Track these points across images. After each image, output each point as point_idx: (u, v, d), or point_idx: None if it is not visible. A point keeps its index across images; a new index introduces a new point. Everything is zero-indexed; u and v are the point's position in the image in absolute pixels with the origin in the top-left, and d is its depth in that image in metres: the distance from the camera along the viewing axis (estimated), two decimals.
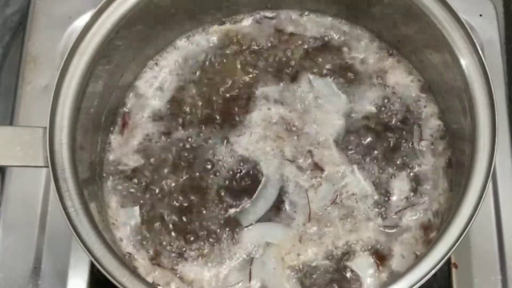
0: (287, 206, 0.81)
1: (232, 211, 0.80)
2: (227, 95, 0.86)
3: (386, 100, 0.85)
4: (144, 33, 0.83)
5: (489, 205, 0.90)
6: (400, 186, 0.82)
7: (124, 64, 0.84)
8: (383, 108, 0.85)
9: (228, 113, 0.85)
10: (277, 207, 0.81)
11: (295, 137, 0.84)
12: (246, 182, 0.82)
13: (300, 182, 0.82)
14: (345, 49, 0.88)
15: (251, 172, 0.82)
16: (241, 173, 0.82)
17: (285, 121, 0.85)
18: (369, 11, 0.85)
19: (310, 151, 0.83)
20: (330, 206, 0.81)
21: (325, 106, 0.85)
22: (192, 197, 0.82)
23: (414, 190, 0.82)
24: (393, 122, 0.84)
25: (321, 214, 0.81)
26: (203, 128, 0.84)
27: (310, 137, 0.84)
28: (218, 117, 0.85)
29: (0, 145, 0.72)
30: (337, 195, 0.81)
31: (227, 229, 0.80)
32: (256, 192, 0.81)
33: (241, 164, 0.82)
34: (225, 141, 0.83)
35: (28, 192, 0.91)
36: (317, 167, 0.82)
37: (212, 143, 0.84)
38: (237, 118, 0.85)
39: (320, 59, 0.88)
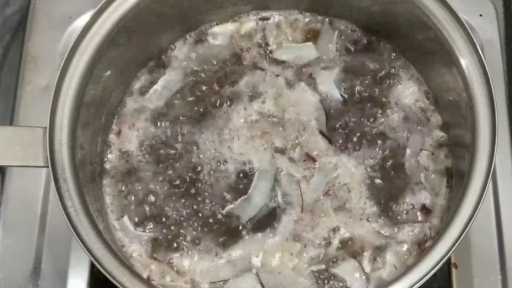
0: (279, 198, 0.81)
1: (229, 207, 0.80)
2: (216, 98, 0.86)
3: (383, 98, 0.86)
4: (144, 33, 0.83)
5: (489, 205, 0.90)
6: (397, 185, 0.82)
7: (124, 64, 0.84)
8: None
9: (216, 117, 0.85)
10: (271, 199, 0.81)
11: (281, 128, 0.84)
12: (242, 181, 0.82)
13: (292, 173, 0.82)
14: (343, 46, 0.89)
15: (245, 171, 0.82)
16: (236, 173, 0.82)
17: (265, 115, 0.84)
18: (369, 11, 0.85)
19: (297, 139, 0.83)
20: (323, 198, 0.81)
21: (296, 83, 0.86)
22: (189, 198, 0.82)
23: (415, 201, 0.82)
24: (390, 121, 0.85)
25: (314, 205, 0.81)
26: (197, 132, 0.84)
27: (293, 122, 0.84)
28: (207, 121, 0.85)
29: (0, 145, 0.72)
30: (329, 187, 0.81)
31: (224, 226, 0.80)
32: (251, 187, 0.80)
33: (235, 165, 0.82)
34: (216, 147, 0.83)
35: (28, 192, 0.91)
36: (309, 158, 0.82)
37: (205, 148, 0.83)
38: (222, 124, 0.84)
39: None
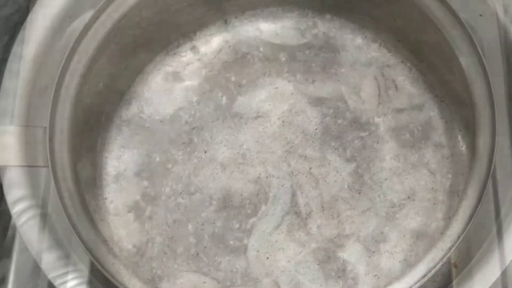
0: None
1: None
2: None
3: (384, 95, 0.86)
4: (144, 33, 0.83)
5: (489, 205, 0.90)
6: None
7: (124, 64, 0.84)
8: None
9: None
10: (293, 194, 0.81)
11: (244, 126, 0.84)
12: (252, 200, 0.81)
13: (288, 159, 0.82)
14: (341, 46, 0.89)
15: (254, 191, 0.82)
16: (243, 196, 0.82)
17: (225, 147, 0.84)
18: (368, 11, 0.85)
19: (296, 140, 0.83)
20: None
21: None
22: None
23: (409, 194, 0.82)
24: (389, 122, 0.85)
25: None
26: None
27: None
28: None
29: (0, 145, 0.72)
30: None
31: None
32: (269, 199, 0.80)
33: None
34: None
35: (28, 192, 0.91)
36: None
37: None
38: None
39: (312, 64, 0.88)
